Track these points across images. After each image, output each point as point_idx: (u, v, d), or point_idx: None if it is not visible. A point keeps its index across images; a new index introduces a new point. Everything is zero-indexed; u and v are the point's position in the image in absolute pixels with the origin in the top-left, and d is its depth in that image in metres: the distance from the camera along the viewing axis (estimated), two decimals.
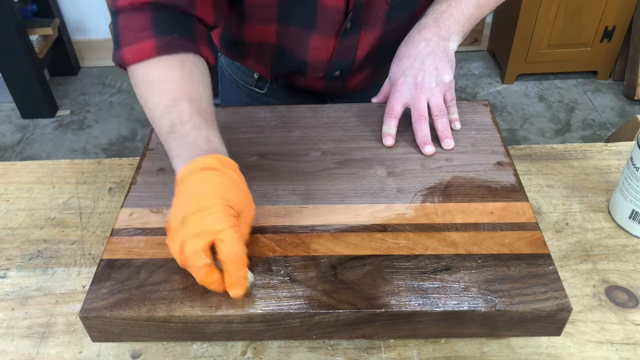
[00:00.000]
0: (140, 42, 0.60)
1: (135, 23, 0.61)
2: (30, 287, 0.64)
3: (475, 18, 0.75)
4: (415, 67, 0.71)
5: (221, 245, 0.49)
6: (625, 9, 2.25)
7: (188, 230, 0.49)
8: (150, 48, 0.60)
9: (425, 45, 0.71)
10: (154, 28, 0.61)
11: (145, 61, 0.60)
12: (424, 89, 0.70)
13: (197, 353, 0.57)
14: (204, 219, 0.49)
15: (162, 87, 0.59)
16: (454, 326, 0.53)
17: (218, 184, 0.52)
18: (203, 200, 0.50)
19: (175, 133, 0.56)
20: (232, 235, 0.49)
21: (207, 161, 0.53)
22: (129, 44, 0.61)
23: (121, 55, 0.61)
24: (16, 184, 0.77)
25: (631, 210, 0.66)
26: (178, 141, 0.56)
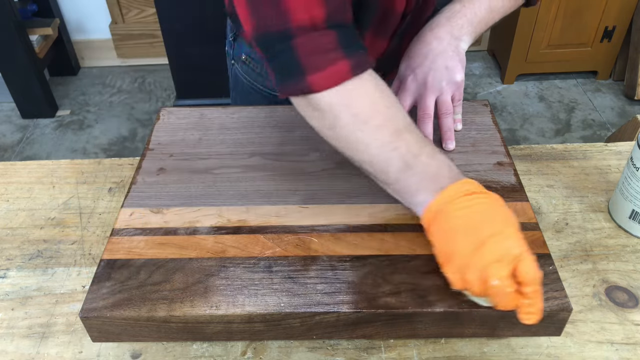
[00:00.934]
0: (334, 64, 0.54)
1: (321, 44, 0.54)
2: (30, 287, 0.64)
3: (486, 22, 0.75)
4: (426, 65, 0.71)
5: (525, 269, 0.46)
6: (625, 9, 2.25)
7: (488, 256, 0.47)
8: (346, 70, 0.54)
9: (437, 44, 0.71)
10: (342, 47, 0.55)
11: (339, 86, 0.55)
12: (433, 87, 0.70)
13: (197, 353, 0.57)
14: (499, 243, 0.47)
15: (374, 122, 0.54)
16: (454, 326, 0.53)
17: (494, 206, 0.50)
18: (493, 224, 0.48)
19: (413, 168, 0.53)
20: (531, 258, 0.47)
21: (467, 186, 0.51)
22: (318, 68, 0.54)
23: (309, 84, 0.54)
24: (16, 184, 0.77)
25: (631, 210, 0.66)
26: (419, 175, 0.53)
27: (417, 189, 0.53)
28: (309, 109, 0.57)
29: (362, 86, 0.56)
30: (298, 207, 0.62)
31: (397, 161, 0.53)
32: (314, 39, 0.54)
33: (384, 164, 0.54)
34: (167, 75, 2.53)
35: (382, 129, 0.54)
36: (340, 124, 0.55)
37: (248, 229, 0.60)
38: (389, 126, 0.55)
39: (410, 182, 0.53)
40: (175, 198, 0.64)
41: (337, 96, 0.55)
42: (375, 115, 0.55)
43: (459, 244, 0.49)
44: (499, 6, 0.75)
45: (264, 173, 0.67)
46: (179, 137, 0.73)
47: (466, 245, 0.48)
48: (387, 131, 0.54)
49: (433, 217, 0.51)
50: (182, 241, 0.58)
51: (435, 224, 0.51)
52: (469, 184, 0.52)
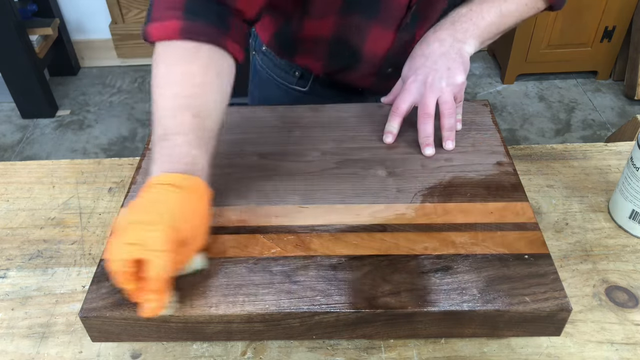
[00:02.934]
0: (168, 20, 0.59)
1: (170, 2, 0.60)
2: (30, 287, 0.64)
3: (497, 26, 0.74)
4: (427, 66, 0.71)
5: (150, 266, 0.47)
6: (625, 9, 2.25)
7: (124, 237, 0.48)
8: (175, 29, 0.58)
9: (439, 46, 0.71)
10: (185, 9, 0.59)
11: (168, 41, 0.59)
12: (434, 88, 0.70)
13: (197, 353, 0.57)
14: (143, 232, 0.48)
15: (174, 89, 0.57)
16: (454, 326, 0.53)
17: (173, 202, 0.51)
18: (151, 213, 0.50)
19: (166, 141, 0.55)
20: (162, 259, 0.48)
21: (174, 178, 0.52)
22: (157, 20, 0.59)
23: (147, 30, 0.60)
24: (16, 184, 0.77)
25: (631, 210, 0.66)
26: (165, 150, 0.55)
27: (156, 160, 0.55)
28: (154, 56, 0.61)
29: (188, 56, 0.59)
30: (298, 207, 0.62)
31: (161, 129, 0.56)
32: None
33: (157, 121, 0.57)
34: None
35: (172, 99, 0.57)
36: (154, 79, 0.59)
37: (248, 229, 0.60)
38: (179, 100, 0.57)
39: (156, 152, 0.56)
40: None
41: (163, 52, 0.59)
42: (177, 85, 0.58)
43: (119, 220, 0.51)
44: (513, 9, 0.74)
45: (264, 173, 0.67)
46: None
47: (121, 224, 0.50)
48: (175, 103, 0.57)
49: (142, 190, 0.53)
50: None
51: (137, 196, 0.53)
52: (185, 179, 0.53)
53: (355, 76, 0.85)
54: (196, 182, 0.53)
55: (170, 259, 0.48)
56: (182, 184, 0.52)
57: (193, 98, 0.57)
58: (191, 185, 0.53)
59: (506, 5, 0.74)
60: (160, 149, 0.55)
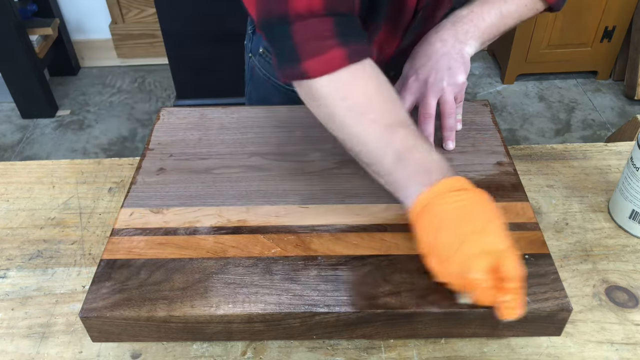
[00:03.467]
0: (329, 51, 0.55)
1: (318, 31, 0.55)
2: (30, 287, 0.64)
3: (498, 27, 0.74)
4: (429, 66, 0.71)
5: (508, 265, 0.47)
6: (625, 9, 2.25)
7: (469, 251, 0.47)
8: (342, 57, 0.55)
9: (441, 46, 0.71)
10: (339, 35, 0.55)
11: (334, 73, 0.55)
12: (435, 88, 0.70)
13: (197, 353, 0.57)
14: (483, 239, 0.48)
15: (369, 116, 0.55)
16: (454, 326, 0.53)
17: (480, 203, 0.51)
18: (476, 220, 0.49)
19: (406, 161, 0.54)
20: (515, 255, 0.47)
21: (456, 183, 0.51)
22: (314, 54, 0.55)
23: (304, 69, 0.55)
24: (16, 184, 0.77)
25: (631, 210, 0.66)
26: (411, 169, 0.54)
27: (408, 181, 0.54)
28: (309, 98, 0.58)
29: (358, 77, 0.56)
30: (298, 207, 0.62)
31: (391, 154, 0.54)
32: (311, 26, 0.55)
33: (379, 156, 0.55)
34: (167, 75, 2.53)
35: (377, 122, 0.55)
36: (338, 115, 0.56)
37: (248, 229, 0.60)
38: (384, 120, 0.55)
39: (402, 175, 0.54)
40: (175, 198, 0.64)
41: (332, 84, 0.56)
42: (371, 109, 0.56)
43: (443, 237, 0.50)
44: (512, 10, 0.74)
45: (264, 173, 0.67)
46: (179, 137, 0.73)
47: (449, 239, 0.49)
48: (383, 124, 0.55)
49: (421, 210, 0.52)
50: (182, 241, 0.58)
51: (422, 216, 0.52)
52: (458, 180, 0.52)
53: None
54: (467, 181, 0.53)
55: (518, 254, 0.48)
56: (465, 186, 0.52)
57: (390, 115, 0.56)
58: (468, 184, 0.52)
59: (506, 7, 0.74)
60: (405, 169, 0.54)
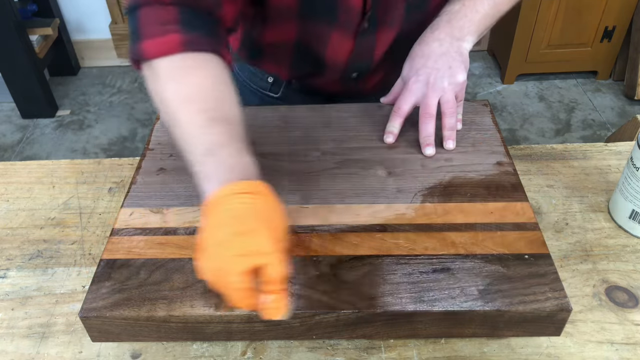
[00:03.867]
0: (166, 35, 0.57)
1: (160, 16, 0.59)
2: (30, 287, 0.64)
3: (492, 16, 0.74)
4: (429, 66, 0.71)
5: (269, 268, 0.47)
6: (625, 9, 2.25)
7: (230, 251, 0.48)
8: (177, 42, 0.57)
9: (439, 45, 0.71)
10: (181, 23, 0.58)
11: (169, 56, 0.58)
12: (436, 88, 0.70)
13: (197, 353, 0.57)
14: (251, 239, 0.48)
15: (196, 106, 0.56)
16: (454, 326, 0.53)
17: (260, 208, 0.51)
18: (247, 222, 0.49)
19: (213, 156, 0.54)
20: (279, 259, 0.47)
21: (249, 186, 0.52)
22: (153, 36, 0.58)
23: (142, 48, 0.58)
24: (16, 184, 0.77)
25: (631, 210, 0.66)
26: (216, 165, 0.54)
27: (211, 176, 0.54)
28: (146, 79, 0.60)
29: (194, 66, 0.58)
30: (298, 207, 0.62)
31: (203, 145, 0.55)
32: (156, 11, 0.59)
33: (193, 145, 0.56)
34: None
35: (201, 113, 0.56)
36: (167, 98, 0.57)
37: None
38: (209, 113, 0.56)
39: (208, 169, 0.54)
40: (175, 198, 0.64)
41: (166, 68, 0.58)
42: (199, 99, 0.57)
43: (212, 235, 0.50)
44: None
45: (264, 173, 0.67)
46: None
47: (215, 238, 0.49)
48: (206, 117, 0.56)
49: (209, 207, 0.52)
50: (182, 241, 0.58)
51: (208, 214, 0.52)
52: (253, 185, 0.52)
53: (322, 82, 0.86)
54: (263, 186, 0.53)
55: (283, 257, 0.48)
56: (255, 190, 0.52)
57: (218, 110, 0.57)
58: (262, 189, 0.52)
59: None
60: (210, 164, 0.54)
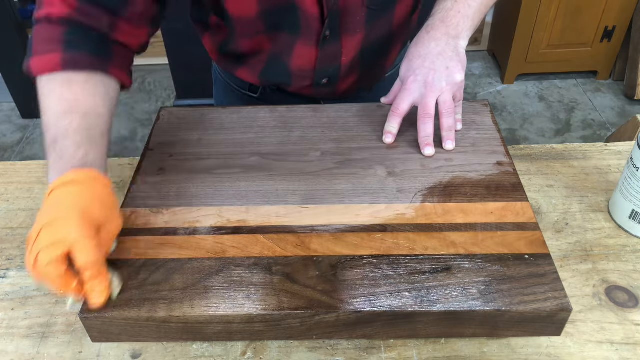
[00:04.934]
0: (48, 54, 0.60)
1: (47, 35, 0.61)
2: (30, 287, 0.64)
3: (486, 5, 0.74)
4: (426, 66, 0.70)
5: (77, 254, 0.48)
6: (625, 9, 2.25)
7: (41, 241, 0.49)
8: (56, 62, 0.60)
9: (435, 45, 0.71)
10: (64, 42, 0.60)
11: (50, 74, 0.60)
12: (434, 88, 0.70)
13: (197, 353, 0.57)
14: (57, 229, 0.49)
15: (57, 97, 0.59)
16: (454, 326, 0.53)
17: (76, 196, 0.52)
18: (58, 211, 0.51)
19: (55, 146, 0.56)
20: (86, 244, 0.49)
21: (73, 176, 0.53)
22: (37, 54, 0.60)
23: (28, 66, 0.61)
24: (16, 184, 0.77)
25: (631, 210, 0.66)
26: (55, 156, 0.56)
27: (51, 166, 0.56)
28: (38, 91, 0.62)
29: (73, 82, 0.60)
30: (298, 207, 0.62)
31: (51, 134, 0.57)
32: (46, 29, 0.62)
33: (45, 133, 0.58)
34: (167, 75, 2.53)
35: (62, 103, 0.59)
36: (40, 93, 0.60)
37: (248, 229, 0.60)
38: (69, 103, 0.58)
39: (50, 158, 0.57)
40: (175, 198, 0.64)
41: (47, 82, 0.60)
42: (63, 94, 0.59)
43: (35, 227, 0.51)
44: None
45: (264, 173, 0.67)
46: (179, 137, 0.73)
47: (35, 231, 0.50)
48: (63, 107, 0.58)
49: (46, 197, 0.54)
50: (182, 241, 0.58)
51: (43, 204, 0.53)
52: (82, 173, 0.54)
53: (294, 88, 0.86)
54: (91, 173, 0.55)
55: (92, 242, 0.49)
56: (78, 179, 0.53)
57: (76, 102, 0.59)
58: (88, 176, 0.54)
59: None
60: (52, 154, 0.56)
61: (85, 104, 0.59)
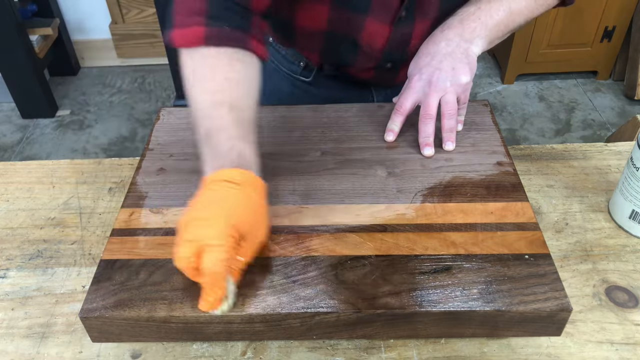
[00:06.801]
0: (191, 27, 0.59)
1: (191, 5, 0.60)
2: (30, 287, 0.64)
3: (506, 25, 0.74)
4: (433, 65, 0.70)
5: (204, 258, 0.49)
6: (625, 9, 2.25)
7: (185, 235, 0.50)
8: (199, 36, 0.59)
9: (446, 45, 0.71)
10: (208, 15, 0.60)
11: (193, 48, 0.60)
12: (437, 88, 0.69)
13: (197, 353, 0.57)
14: (200, 228, 0.50)
15: (205, 86, 0.59)
16: (454, 326, 0.53)
17: (230, 198, 0.52)
18: (208, 210, 0.51)
19: (210, 139, 0.56)
20: (217, 252, 0.48)
21: (230, 174, 0.53)
22: (180, 26, 0.60)
23: (171, 37, 0.61)
24: (16, 184, 0.77)
25: (631, 210, 0.66)
26: (210, 148, 0.56)
27: (206, 159, 0.57)
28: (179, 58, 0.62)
29: (212, 57, 0.60)
30: (298, 207, 0.62)
31: (204, 128, 0.58)
32: (188, 2, 0.61)
33: (197, 126, 0.59)
34: (167, 75, 2.53)
35: (208, 93, 0.59)
36: (187, 82, 0.61)
37: None
38: (216, 94, 0.58)
39: (205, 151, 0.57)
40: (175, 198, 0.64)
41: (189, 57, 0.60)
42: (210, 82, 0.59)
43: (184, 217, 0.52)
44: (522, 7, 0.74)
45: (264, 173, 0.67)
46: (179, 137, 0.73)
47: (184, 220, 0.52)
48: (211, 98, 0.58)
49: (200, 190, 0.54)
50: None
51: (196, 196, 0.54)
52: (238, 173, 0.53)
53: (354, 70, 0.85)
54: (250, 177, 0.54)
55: (225, 253, 0.49)
56: (237, 179, 0.53)
57: (224, 92, 0.58)
58: (246, 179, 0.53)
59: (515, 3, 0.73)
60: (207, 147, 0.57)
61: (231, 94, 0.59)
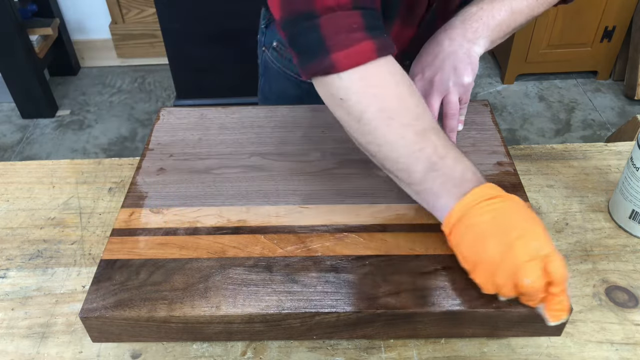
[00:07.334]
0: (359, 43, 0.54)
1: (347, 24, 0.54)
2: (30, 287, 0.64)
3: (508, 25, 0.74)
4: (435, 65, 0.70)
5: (552, 268, 0.47)
6: (625, 9, 2.25)
7: (518, 258, 0.47)
8: (371, 50, 0.54)
9: (449, 45, 0.71)
10: (367, 28, 0.54)
11: (362, 66, 0.54)
12: (439, 87, 0.69)
13: (197, 353, 0.57)
14: (530, 244, 0.48)
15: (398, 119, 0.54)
16: (454, 326, 0.53)
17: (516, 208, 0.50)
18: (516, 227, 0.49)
19: (437, 171, 0.52)
20: (560, 258, 0.47)
21: (488, 191, 0.51)
22: (343, 47, 0.53)
23: (332, 62, 0.54)
24: (16, 184, 0.77)
25: (631, 210, 0.66)
26: (443, 178, 0.52)
27: (440, 191, 0.53)
28: (332, 95, 0.56)
29: (386, 72, 0.55)
30: (298, 207, 0.62)
31: (422, 162, 0.53)
32: (339, 18, 0.54)
33: (409, 163, 0.54)
34: (167, 75, 2.53)
35: (409, 127, 0.54)
36: (366, 116, 0.54)
37: (248, 229, 0.60)
38: (416, 125, 0.54)
39: (434, 185, 0.53)
40: (175, 198, 0.64)
41: (360, 80, 0.54)
42: (402, 112, 0.54)
43: (487, 249, 0.49)
44: (523, 6, 0.73)
45: (264, 173, 0.67)
46: (179, 137, 0.73)
47: (494, 249, 0.48)
48: (414, 130, 0.54)
49: (456, 222, 0.51)
50: (182, 241, 0.58)
51: (458, 229, 0.51)
52: (490, 188, 0.51)
53: None
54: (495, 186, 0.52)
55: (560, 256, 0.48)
56: (497, 193, 0.51)
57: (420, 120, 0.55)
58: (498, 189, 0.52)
59: (517, 3, 0.73)
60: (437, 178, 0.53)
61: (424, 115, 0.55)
